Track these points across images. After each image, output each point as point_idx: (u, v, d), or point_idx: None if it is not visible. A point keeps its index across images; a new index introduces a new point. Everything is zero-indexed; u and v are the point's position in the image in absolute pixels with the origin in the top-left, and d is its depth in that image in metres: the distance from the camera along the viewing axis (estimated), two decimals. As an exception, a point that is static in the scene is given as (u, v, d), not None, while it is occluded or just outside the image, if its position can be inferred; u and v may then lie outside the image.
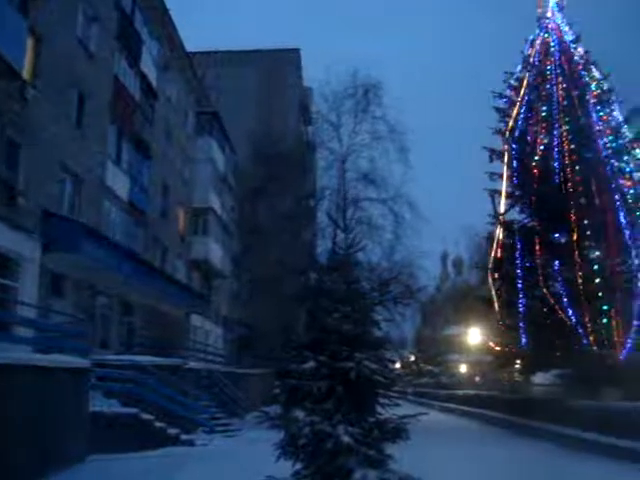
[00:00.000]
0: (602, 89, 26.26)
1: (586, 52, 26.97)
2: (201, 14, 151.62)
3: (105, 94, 25.39)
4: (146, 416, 17.94)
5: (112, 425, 16.45)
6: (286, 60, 58.32)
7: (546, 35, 27.79)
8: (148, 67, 29.66)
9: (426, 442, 15.72)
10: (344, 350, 8.41)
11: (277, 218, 38.80)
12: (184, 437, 19.00)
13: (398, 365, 69.06)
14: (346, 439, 7.82)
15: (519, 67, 28.18)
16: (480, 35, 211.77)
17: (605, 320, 22.35)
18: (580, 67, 26.50)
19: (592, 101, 25.69)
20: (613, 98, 26.25)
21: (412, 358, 76.85)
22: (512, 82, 28.06)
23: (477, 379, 52.88)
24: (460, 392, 43.19)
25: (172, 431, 18.68)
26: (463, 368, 61.43)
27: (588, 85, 26.13)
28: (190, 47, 37.77)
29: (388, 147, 36.83)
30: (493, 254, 26.86)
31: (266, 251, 38.27)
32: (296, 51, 60.65)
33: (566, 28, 27.75)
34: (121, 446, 15.65)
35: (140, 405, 18.18)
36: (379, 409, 8.83)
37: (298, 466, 8.30)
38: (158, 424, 18.27)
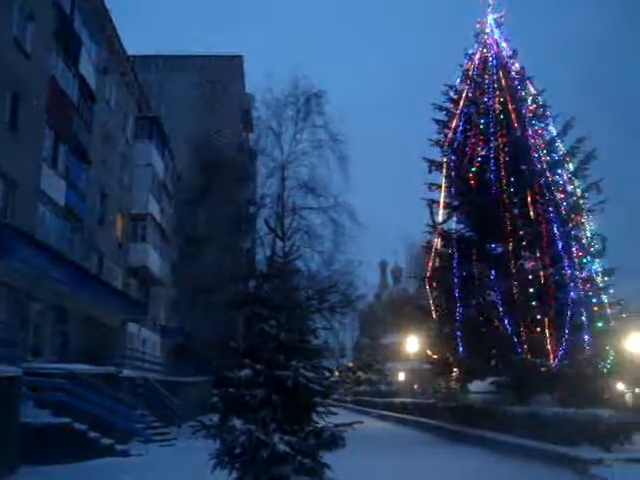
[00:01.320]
0: (537, 104, 26.98)
1: (522, 68, 27.67)
2: (142, 18, 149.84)
3: (41, 96, 24.76)
4: (79, 426, 17.48)
5: (44, 435, 15.99)
6: (229, 66, 58.01)
7: (484, 50, 28.40)
8: (87, 69, 29.08)
9: (363, 450, 15.82)
10: (281, 358, 8.39)
11: (217, 225, 38.53)
12: (119, 447, 18.58)
13: (337, 373, 69.33)
14: (282, 447, 7.80)
15: (458, 80, 28.69)
16: (422, 46, 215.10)
17: (539, 329, 22.84)
18: (516, 82, 27.16)
19: (528, 115, 26.37)
20: (548, 113, 26.99)
21: (351, 366, 77.15)
22: (451, 95, 28.53)
23: (415, 387, 53.49)
24: (398, 400, 43.50)
25: (106, 441, 18.26)
26: (401, 376, 61.96)
27: (524, 99, 26.81)
28: (131, 51, 37.27)
29: (328, 156, 37.13)
30: (431, 263, 27.20)
31: (205, 258, 37.96)
32: (239, 58, 60.41)
33: (504, 44, 28.44)
34: (53, 457, 15.23)
35: (73, 415, 17.69)
36: (316, 417, 8.83)
37: (234, 475, 8.23)
38: (92, 434, 17.83)
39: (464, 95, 28.08)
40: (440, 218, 27.39)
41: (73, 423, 17.35)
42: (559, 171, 26.04)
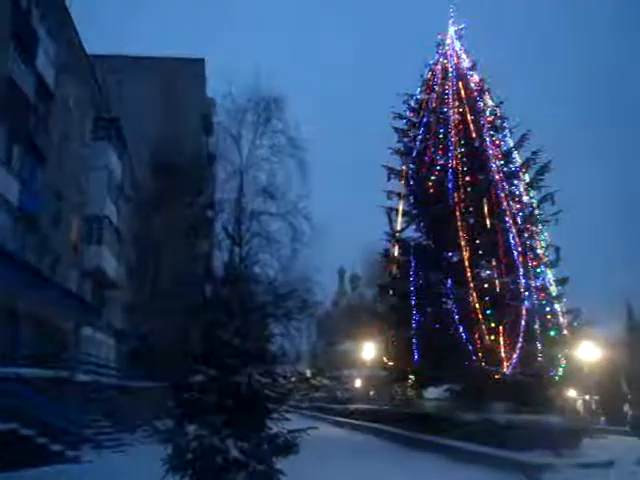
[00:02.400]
0: (495, 115, 27.38)
1: (481, 79, 28.06)
2: (103, 18, 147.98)
3: (-4, 93, 24.23)
4: (26, 432, 17.01)
5: (-12, 442, 15.55)
6: (190, 69, 57.57)
7: (445, 61, 28.74)
8: (44, 67, 28.54)
9: (318, 456, 15.78)
10: (236, 364, 8.33)
11: (174, 229, 38.13)
12: (69, 453, 18.13)
13: (292, 379, 68.97)
14: (235, 453, 7.74)
15: (419, 89, 28.94)
16: (383, 54, 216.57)
17: (493, 337, 23.11)
18: (475, 93, 27.53)
19: (486, 126, 26.73)
20: (505, 124, 27.42)
21: (307, 372, 77.00)
22: (412, 104, 28.79)
23: (371, 393, 53.61)
24: (354, 406, 43.58)
25: (56, 447, 17.79)
26: (358, 383, 62.02)
27: (482, 111, 27.18)
28: (91, 50, 36.69)
29: (287, 161, 37.02)
30: (388, 271, 27.34)
31: (162, 262, 37.56)
32: (200, 61, 60.02)
33: (464, 55, 28.83)
34: (-2, 464, 14.81)
35: (21, 420, 17.23)
36: (270, 423, 8.79)
37: (186, 481, 8.13)
38: (40, 440, 17.37)
39: (424, 104, 28.36)
40: (398, 226, 27.60)
41: (20, 428, 16.89)
42: (515, 182, 26.44)
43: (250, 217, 36.24)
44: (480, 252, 24.88)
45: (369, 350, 39.70)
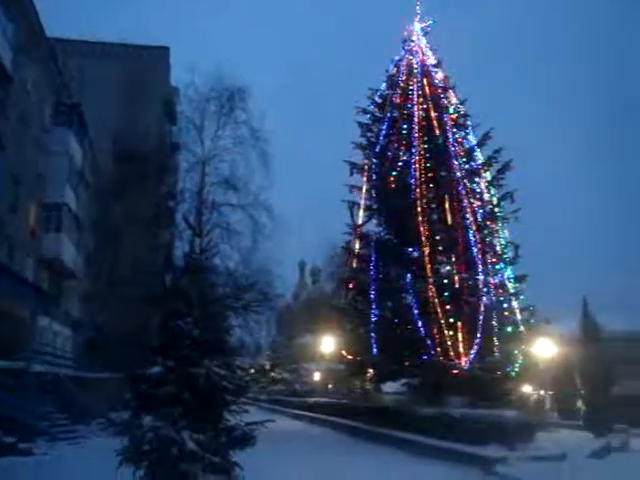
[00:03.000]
0: (459, 113, 27.60)
1: (446, 77, 28.26)
2: (65, 1, 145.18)
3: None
4: (-23, 423, 16.72)
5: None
6: (154, 57, 56.80)
7: (410, 57, 28.84)
8: (2, 48, 27.79)
9: (275, 449, 15.78)
10: (194, 356, 8.27)
11: (135, 218, 37.67)
12: (22, 446, 17.81)
13: (252, 372, 68.88)
14: (191, 445, 7.69)
15: (384, 85, 29.01)
16: (349, 48, 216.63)
17: (452, 332, 23.34)
18: (440, 90, 27.70)
19: (449, 123, 26.91)
20: (468, 122, 27.67)
21: (267, 365, 76.94)
22: (376, 99, 28.84)
23: (330, 387, 53.77)
24: (313, 400, 43.66)
25: (8, 439, 17.49)
26: (317, 376, 62.16)
27: (446, 108, 27.36)
28: (52, 33, 35.85)
29: (250, 153, 36.87)
30: (349, 265, 27.42)
31: (122, 251, 37.10)
32: (165, 49, 59.26)
33: (429, 53, 28.96)
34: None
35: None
36: (228, 416, 8.75)
37: (141, 473, 8.05)
38: (-7, 431, 17.10)
39: (389, 100, 28.45)
40: (360, 220, 27.67)
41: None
42: (477, 179, 26.74)
43: (211, 208, 36.08)
44: (440, 248, 25.09)
45: (328, 343, 39.81)
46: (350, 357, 27.59)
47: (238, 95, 37.41)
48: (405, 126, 27.09)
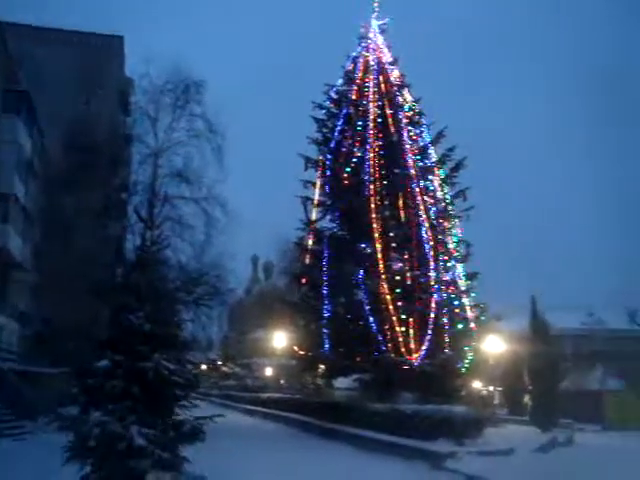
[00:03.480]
0: (413, 111, 27.77)
1: (401, 75, 28.40)
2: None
3: None
4: None
5: None
6: (108, 47, 55.69)
7: (367, 54, 28.89)
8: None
9: (226, 445, 15.71)
10: (143, 350, 8.14)
11: (86, 210, 36.92)
12: (-35, 441, 17.43)
13: (204, 367, 68.59)
14: (140, 441, 7.58)
15: (340, 81, 29.01)
16: (306, 43, 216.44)
17: (403, 328, 23.49)
18: (395, 88, 27.83)
19: (404, 121, 27.06)
20: (423, 120, 27.87)
21: (219, 360, 76.59)
22: (332, 94, 28.83)
23: (282, 382, 53.79)
24: (265, 395, 43.62)
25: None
26: (269, 371, 62.07)
27: (401, 106, 27.50)
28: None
29: (204, 146, 36.41)
30: (302, 260, 27.38)
31: (72, 244, 36.32)
32: (119, 38, 58.15)
33: (385, 50, 29.06)
34: None
35: None
36: (178, 410, 8.66)
37: (87, 469, 7.90)
38: None
39: (344, 96, 28.48)
40: (313, 216, 27.65)
41: None
42: (430, 177, 26.93)
43: (164, 201, 35.59)
44: (393, 245, 25.21)
45: (280, 339, 39.70)
46: (302, 353, 27.58)
47: (194, 88, 36.87)
48: (360, 122, 27.14)
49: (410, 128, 27.28)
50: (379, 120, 26.93)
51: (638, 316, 74.89)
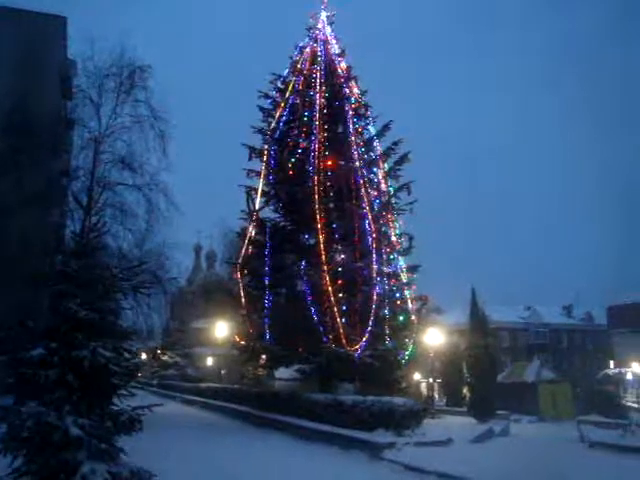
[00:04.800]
0: (360, 103, 27.87)
1: (349, 67, 28.44)
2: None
3: None
4: None
5: None
6: (50, 26, 54.10)
7: (315, 44, 28.84)
8: None
9: (165, 435, 15.58)
10: (79, 338, 7.97)
11: (24, 195, 35.94)
12: None
13: (144, 356, 67.80)
14: (75, 431, 7.42)
15: (287, 71, 28.89)
16: (254, 31, 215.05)
17: (344, 320, 23.61)
18: (342, 80, 27.86)
19: (350, 113, 27.13)
20: (369, 113, 28.01)
21: (159, 349, 75.81)
22: (279, 84, 28.70)
23: (223, 372, 53.57)
24: (205, 385, 43.38)
25: None
26: (210, 361, 61.77)
27: (348, 98, 27.55)
28: None
29: (148, 133, 35.79)
30: (244, 250, 27.25)
31: (8, 229, 35.31)
32: (62, 18, 56.56)
33: (333, 41, 29.08)
34: None
35: None
36: (115, 400, 8.53)
37: (19, 461, 7.70)
38: None
39: (291, 86, 28.37)
40: (257, 206, 27.52)
41: None
42: (375, 170, 27.12)
43: (105, 187, 34.91)
44: (336, 236, 25.27)
45: (222, 329, 39.49)
46: (243, 343, 27.46)
47: (139, 73, 36.16)
48: (306, 113, 27.08)
49: (356, 120, 27.37)
50: (325, 111, 26.93)
51: (573, 310, 77.47)
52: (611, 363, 62.91)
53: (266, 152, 27.49)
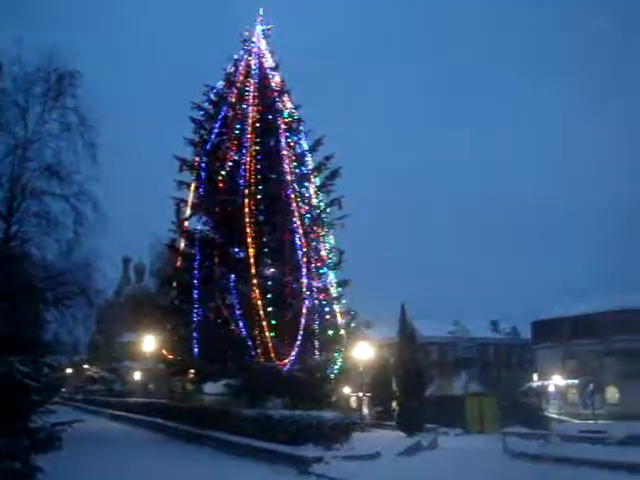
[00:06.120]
0: (293, 117, 27.93)
1: (282, 81, 28.50)
2: None
3: None
4: None
5: None
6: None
7: (249, 58, 28.78)
8: None
9: (87, 452, 15.18)
10: (-4, 352, 7.70)
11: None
12: None
13: (69, 370, 66.06)
14: (-14, 451, 7.13)
15: (220, 83, 28.74)
16: (183, 47, 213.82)
17: (273, 334, 23.51)
18: (275, 94, 27.87)
19: (283, 127, 27.15)
20: (301, 127, 28.07)
21: (85, 364, 73.93)
22: (211, 96, 28.52)
23: (150, 387, 52.69)
24: (131, 400, 42.55)
25: None
26: (137, 375, 60.57)
27: (281, 111, 27.57)
28: None
29: (77, 141, 34.89)
30: (173, 263, 26.87)
31: None
32: (-15, 17, 55.00)
33: (268, 55, 29.08)
34: None
35: None
36: (34, 417, 8.25)
37: None
38: None
39: (224, 98, 28.24)
40: (187, 218, 27.23)
41: None
42: (306, 184, 27.17)
43: (30, 195, 33.84)
44: (266, 250, 25.18)
45: (150, 342, 38.86)
46: (171, 357, 27.09)
47: (68, 79, 35.22)
48: (238, 126, 26.95)
49: (288, 134, 27.39)
50: (257, 125, 26.86)
51: (499, 325, 79.27)
52: (535, 376, 64.67)
53: (197, 164, 27.26)
